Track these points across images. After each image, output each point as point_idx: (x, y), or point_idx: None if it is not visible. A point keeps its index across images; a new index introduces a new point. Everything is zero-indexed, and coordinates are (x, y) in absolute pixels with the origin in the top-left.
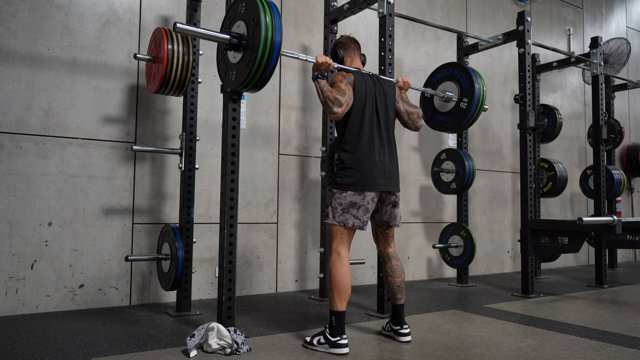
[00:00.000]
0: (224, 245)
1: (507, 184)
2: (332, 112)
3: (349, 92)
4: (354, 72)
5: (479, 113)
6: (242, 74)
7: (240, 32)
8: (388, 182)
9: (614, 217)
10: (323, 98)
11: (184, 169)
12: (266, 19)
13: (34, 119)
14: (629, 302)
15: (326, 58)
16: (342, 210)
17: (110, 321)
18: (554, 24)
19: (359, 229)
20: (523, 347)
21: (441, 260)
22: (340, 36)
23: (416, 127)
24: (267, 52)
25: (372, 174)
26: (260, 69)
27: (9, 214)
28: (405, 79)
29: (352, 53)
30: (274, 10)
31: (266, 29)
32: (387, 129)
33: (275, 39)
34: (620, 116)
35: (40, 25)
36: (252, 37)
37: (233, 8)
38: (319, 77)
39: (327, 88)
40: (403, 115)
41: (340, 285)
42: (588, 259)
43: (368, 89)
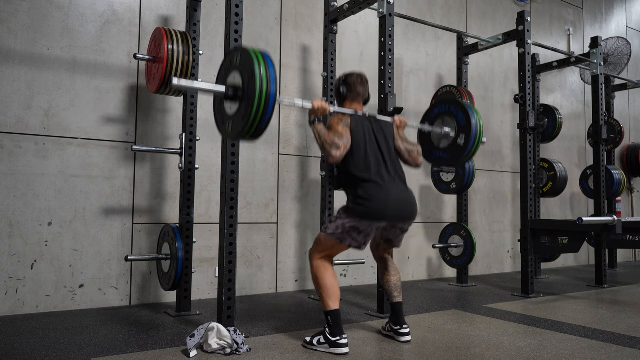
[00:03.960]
0: (224, 245)
1: (507, 184)
2: (331, 155)
3: (346, 135)
4: (351, 115)
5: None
6: (238, 126)
7: (236, 83)
8: (403, 212)
9: (614, 217)
10: (321, 142)
11: (184, 169)
12: (261, 71)
13: (34, 119)
14: (629, 302)
15: (322, 103)
16: (343, 230)
17: (110, 321)
18: (554, 24)
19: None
20: (523, 347)
21: (441, 260)
22: (351, 74)
23: (417, 165)
24: (262, 103)
25: (386, 205)
26: (257, 121)
27: (9, 214)
28: (403, 117)
29: (355, 96)
30: (268, 62)
31: (261, 81)
32: (392, 162)
33: (270, 90)
34: (620, 116)
35: (40, 25)
36: (247, 89)
37: (229, 58)
38: (316, 121)
39: (324, 132)
40: (403, 153)
41: (328, 287)
42: (588, 259)
43: (366, 129)
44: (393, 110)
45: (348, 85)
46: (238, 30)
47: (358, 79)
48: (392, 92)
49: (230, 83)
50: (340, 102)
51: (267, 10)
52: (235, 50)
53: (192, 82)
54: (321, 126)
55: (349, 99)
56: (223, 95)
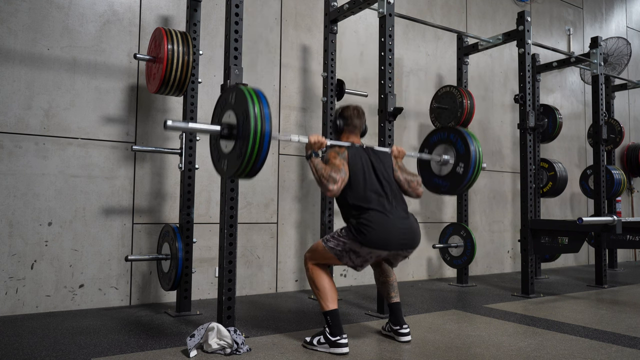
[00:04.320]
0: (224, 245)
1: (507, 184)
2: (328, 189)
3: (344, 168)
4: (347, 147)
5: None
6: (233, 165)
7: (231, 122)
8: (406, 241)
9: (614, 217)
10: (318, 176)
11: (184, 169)
12: (255, 110)
13: (34, 119)
14: (629, 302)
15: (318, 137)
16: (342, 248)
17: (110, 321)
18: (554, 24)
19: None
20: (523, 347)
21: (441, 260)
22: (347, 107)
23: (417, 195)
24: (257, 142)
25: (389, 234)
26: (252, 160)
27: (9, 214)
28: (400, 148)
29: (352, 129)
30: (262, 101)
31: (255, 121)
32: (393, 191)
33: (265, 129)
34: (620, 116)
35: (40, 25)
36: (242, 127)
37: (224, 97)
38: (313, 156)
39: (321, 166)
40: (403, 184)
41: (325, 288)
42: (588, 259)
43: (364, 160)
44: (393, 110)
45: (345, 119)
46: (238, 30)
47: (354, 111)
48: (392, 92)
49: (226, 122)
50: (338, 135)
51: (267, 10)
52: (230, 89)
53: (187, 123)
54: (318, 160)
55: (346, 132)
56: (218, 135)
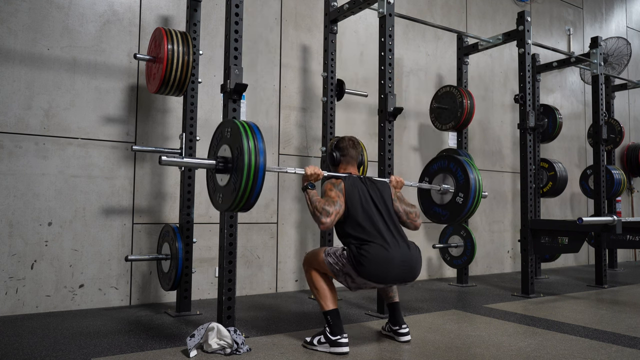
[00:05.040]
0: (224, 245)
1: (507, 184)
2: (321, 222)
3: (339, 200)
4: (344, 178)
5: (477, 206)
6: (228, 199)
7: (226, 155)
8: (405, 274)
9: (614, 217)
10: (312, 209)
11: (184, 169)
12: (249, 145)
13: (34, 119)
14: (629, 302)
15: (315, 169)
16: (340, 269)
17: (110, 321)
18: (554, 24)
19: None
20: (523, 347)
21: (441, 260)
22: (342, 138)
23: (415, 227)
24: (251, 176)
25: (387, 268)
26: (246, 195)
27: (9, 214)
28: (399, 177)
29: (349, 160)
30: (256, 134)
31: (249, 155)
32: (392, 221)
33: (259, 162)
34: (620, 116)
35: (40, 25)
36: (236, 161)
37: (220, 130)
38: (309, 188)
39: (316, 199)
40: (402, 215)
41: (324, 288)
42: (588, 259)
43: (361, 191)
44: (393, 110)
45: (340, 150)
46: (238, 30)
47: (350, 142)
48: (392, 92)
49: (221, 155)
50: (334, 167)
51: (267, 10)
52: (225, 123)
53: (182, 158)
54: (313, 192)
55: (343, 163)
56: (214, 169)
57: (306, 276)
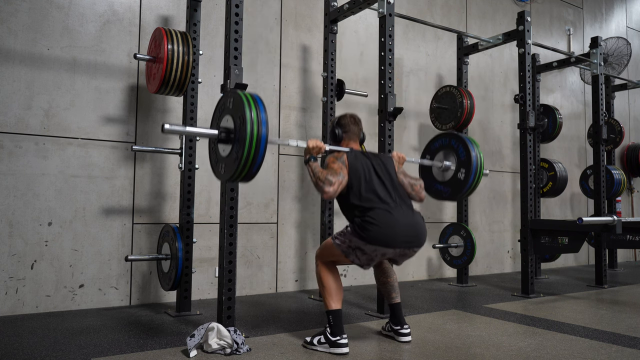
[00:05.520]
0: (224, 245)
1: (507, 184)
2: (324, 191)
3: (342, 172)
4: (347, 152)
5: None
6: (230, 168)
7: (228, 126)
8: (412, 238)
9: (614, 217)
10: (314, 180)
11: (184, 169)
12: (251, 115)
13: (34, 119)
14: (629, 302)
15: (317, 142)
16: (348, 246)
17: (110, 321)
18: (554, 24)
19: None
20: (523, 347)
21: (441, 260)
22: (343, 115)
23: (420, 199)
24: (254, 146)
25: (395, 231)
26: (248, 164)
27: (9, 214)
28: (401, 153)
29: (351, 136)
30: (259, 105)
31: (252, 125)
32: (395, 189)
33: (261, 133)
34: (620, 116)
35: (40, 25)
36: (239, 131)
37: (222, 101)
38: (311, 160)
39: (318, 170)
40: (407, 187)
41: (331, 287)
42: (588, 259)
43: (363, 163)
44: (393, 110)
45: (342, 126)
46: (238, 30)
47: (351, 119)
48: (392, 92)
49: (223, 126)
50: (337, 144)
51: (267, 10)
52: (228, 94)
53: (185, 127)
54: (316, 164)
55: (346, 139)
56: (216, 139)
57: (316, 271)
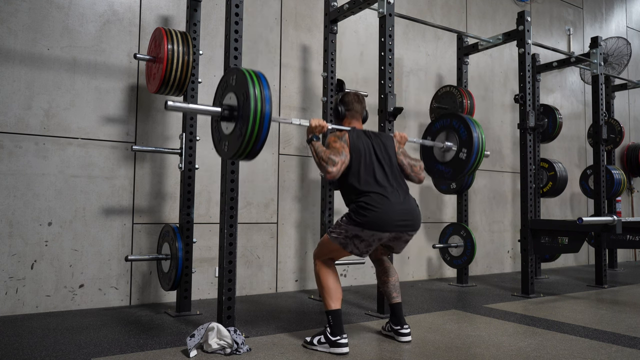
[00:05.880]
0: (224, 245)
1: (507, 184)
2: (327, 171)
3: (344, 151)
4: (348, 131)
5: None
6: (234, 145)
7: (231, 103)
8: (407, 222)
9: (614, 217)
10: (317, 159)
11: (184, 169)
12: (255, 91)
13: (34, 119)
14: (629, 302)
15: (320, 121)
16: (345, 236)
17: (110, 321)
18: (554, 24)
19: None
20: (523, 347)
21: (441, 260)
22: (347, 93)
23: (419, 180)
24: (257, 123)
25: (388, 215)
26: (252, 141)
27: (9, 214)
28: (403, 133)
29: (353, 114)
30: (262, 82)
31: (255, 102)
32: (393, 173)
33: (265, 110)
34: (620, 116)
35: (40, 25)
36: (242, 108)
37: (225, 79)
38: (313, 139)
39: (321, 149)
40: (406, 168)
41: (330, 287)
42: (588, 259)
43: (365, 143)
44: (393, 110)
45: (345, 104)
46: (238, 30)
47: (355, 97)
48: (392, 92)
49: (226, 103)
50: (339, 121)
51: (267, 10)
52: (231, 71)
53: (188, 104)
54: (318, 144)
55: (348, 117)
56: (219, 116)
57: (315, 271)
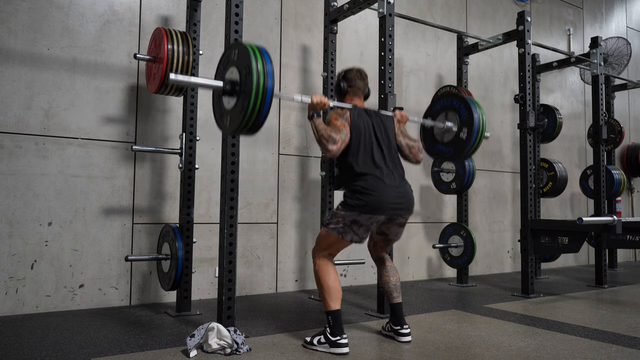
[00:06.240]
0: (224, 245)
1: (507, 184)
2: (328, 149)
3: (344, 129)
4: (350, 109)
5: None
6: (236, 120)
7: (233, 78)
8: (401, 204)
9: (614, 217)
10: (318, 137)
11: (184, 169)
12: (257, 66)
13: (34, 119)
14: (629, 302)
15: (321, 97)
16: (343, 224)
17: (110, 321)
18: (554, 24)
19: (355, 243)
20: (523, 347)
21: (441, 260)
22: (350, 69)
23: (417, 161)
24: (259, 98)
25: (383, 198)
26: (254, 115)
27: (9, 214)
28: (404, 112)
29: (355, 91)
30: (265, 57)
31: (258, 76)
32: (391, 155)
33: (267, 85)
34: (620, 116)
35: (40, 25)
36: (244, 83)
37: (227, 54)
38: (315, 116)
39: (322, 127)
40: (404, 149)
41: (330, 286)
42: (588, 259)
43: (365, 122)
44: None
45: (348, 80)
46: (238, 30)
47: (357, 73)
48: (392, 92)
49: (228, 78)
50: (341, 97)
51: (267, 10)
52: (232, 46)
53: (190, 77)
54: (319, 121)
55: (350, 94)
56: (221, 91)
57: (314, 270)
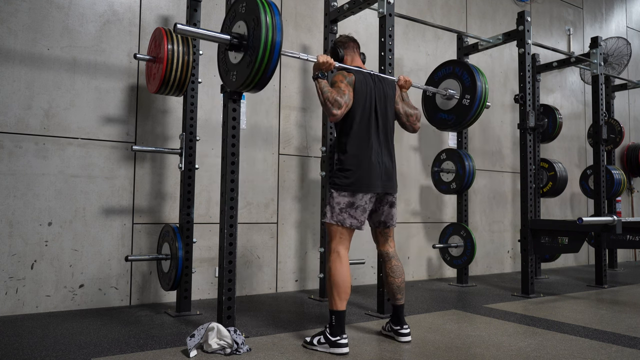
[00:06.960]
0: (224, 245)
1: (507, 184)
2: (332, 113)
3: (348, 93)
4: (355, 72)
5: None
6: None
7: (240, 32)
8: (386, 183)
9: (614, 217)
10: (323, 99)
11: (184, 169)
12: (266, 18)
13: (34, 119)
14: (629, 302)
15: (327, 57)
16: (339, 210)
17: (110, 321)
18: (554, 24)
19: (356, 229)
20: (523, 347)
21: (441, 260)
22: (339, 35)
23: (414, 129)
24: (267, 52)
25: (370, 175)
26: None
27: (9, 214)
28: (407, 77)
29: (352, 52)
30: (274, 10)
31: (266, 29)
32: (385, 131)
33: (276, 38)
34: (620, 116)
35: (40, 25)
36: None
37: (234, 8)
38: (320, 77)
39: (327, 89)
40: (402, 116)
41: (340, 284)
42: (588, 259)
43: (368, 89)
44: None
45: (341, 43)
46: None
47: (345, 37)
48: None
49: (235, 32)
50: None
51: None
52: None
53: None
54: (324, 82)
55: (348, 56)
56: (228, 45)
57: (327, 267)
